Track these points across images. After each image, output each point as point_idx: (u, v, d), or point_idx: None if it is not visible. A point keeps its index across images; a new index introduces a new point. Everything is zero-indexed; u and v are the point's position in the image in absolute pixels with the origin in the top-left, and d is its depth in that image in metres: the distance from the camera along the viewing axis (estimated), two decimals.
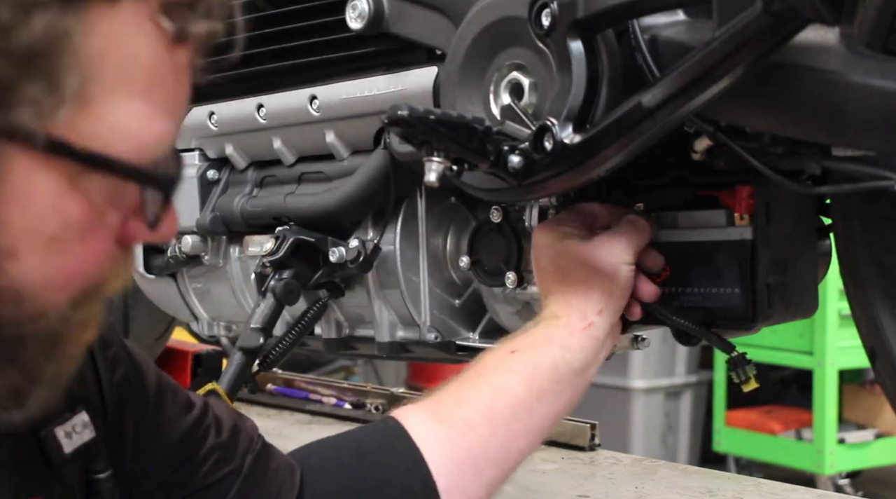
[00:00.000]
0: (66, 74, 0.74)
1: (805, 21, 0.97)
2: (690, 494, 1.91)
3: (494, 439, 1.17)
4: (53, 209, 0.77)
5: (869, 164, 1.05)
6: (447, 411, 1.17)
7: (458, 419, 1.16)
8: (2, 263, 0.77)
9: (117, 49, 0.76)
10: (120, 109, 0.77)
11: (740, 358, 1.26)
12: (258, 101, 1.63)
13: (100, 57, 0.75)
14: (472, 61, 1.26)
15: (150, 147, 0.80)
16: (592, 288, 1.22)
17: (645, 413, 4.97)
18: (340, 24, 1.47)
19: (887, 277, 1.16)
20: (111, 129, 0.77)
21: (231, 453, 1.09)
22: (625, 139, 1.10)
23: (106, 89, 0.76)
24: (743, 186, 1.21)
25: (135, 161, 0.79)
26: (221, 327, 1.89)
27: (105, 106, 0.77)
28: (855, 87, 0.99)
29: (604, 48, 1.13)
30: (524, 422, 1.19)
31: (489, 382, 1.19)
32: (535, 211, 1.36)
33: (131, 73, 0.78)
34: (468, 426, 1.16)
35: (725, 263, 1.23)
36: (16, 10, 0.72)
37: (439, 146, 1.13)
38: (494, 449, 1.17)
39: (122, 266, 0.86)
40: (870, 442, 4.55)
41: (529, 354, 1.20)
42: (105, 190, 0.79)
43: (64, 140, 0.75)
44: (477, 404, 1.17)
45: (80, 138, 0.76)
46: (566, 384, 1.21)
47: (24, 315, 0.80)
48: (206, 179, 1.75)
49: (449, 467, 1.14)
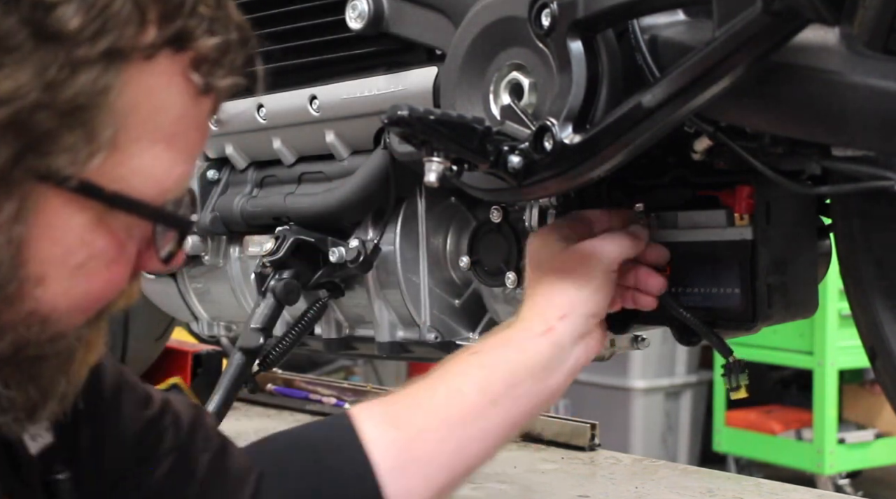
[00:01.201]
0: (102, 126, 0.80)
1: (805, 21, 0.97)
2: (690, 494, 1.91)
3: (446, 444, 1.15)
4: (81, 242, 0.84)
5: (869, 164, 1.05)
6: (401, 413, 1.17)
7: (410, 424, 1.15)
8: (30, 290, 0.84)
9: (149, 100, 0.83)
10: (145, 155, 0.84)
11: (736, 364, 1.26)
12: (258, 101, 1.63)
13: (132, 108, 0.82)
14: (472, 61, 1.26)
15: (169, 189, 0.87)
16: (558, 292, 1.20)
17: (645, 413, 4.97)
18: (340, 24, 1.47)
19: (887, 277, 1.16)
20: (135, 173, 0.84)
21: (188, 453, 1.10)
22: (625, 139, 1.10)
23: (134, 138, 0.83)
24: (743, 186, 1.21)
25: (155, 202, 0.86)
26: (221, 327, 1.88)
27: (132, 152, 0.83)
28: (855, 87, 0.99)
29: (604, 48, 1.13)
30: (478, 427, 1.16)
31: (445, 384, 1.18)
32: (535, 211, 1.36)
33: (158, 123, 0.84)
34: (420, 431, 1.14)
35: (725, 263, 1.23)
36: (64, 68, 0.78)
37: (439, 146, 1.13)
38: (446, 454, 1.15)
39: (129, 288, 0.92)
40: (870, 442, 4.55)
41: (487, 357, 1.19)
42: (128, 226, 0.86)
43: (94, 183, 0.82)
44: (430, 408, 1.16)
45: (107, 181, 0.82)
46: (523, 389, 1.17)
47: (47, 336, 0.86)
48: (206, 179, 1.75)
49: (398, 472, 1.12)
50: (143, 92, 0.82)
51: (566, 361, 1.20)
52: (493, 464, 2.09)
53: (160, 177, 0.85)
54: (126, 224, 0.86)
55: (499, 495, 1.91)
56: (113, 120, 0.81)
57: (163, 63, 0.83)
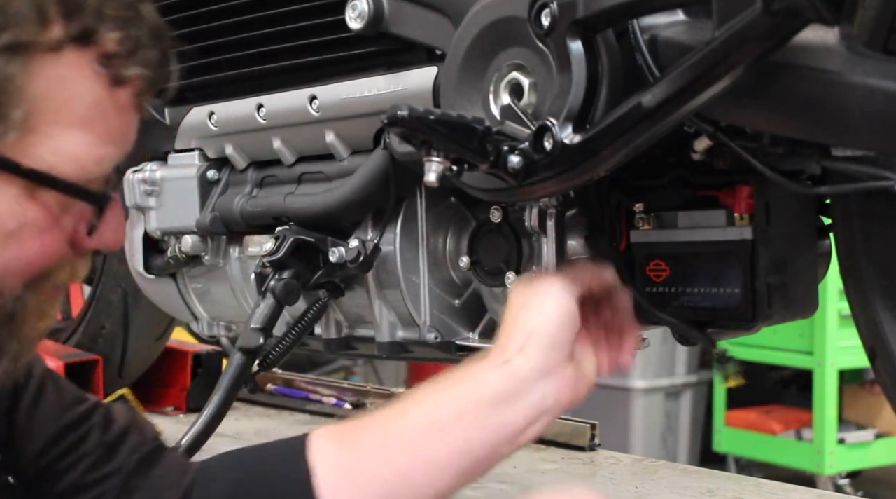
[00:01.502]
0: (11, 108, 0.93)
1: (805, 21, 0.97)
2: (690, 494, 1.90)
3: (389, 467, 1.14)
4: (12, 212, 0.96)
5: (869, 164, 1.05)
6: (351, 432, 1.18)
7: (357, 442, 1.17)
8: None
9: (60, 89, 0.95)
10: (62, 137, 0.96)
11: (723, 355, 1.26)
12: (258, 101, 1.63)
13: (44, 95, 0.94)
14: (471, 61, 1.26)
15: (89, 168, 0.98)
16: (518, 326, 1.18)
17: (645, 413, 4.96)
18: (340, 24, 1.47)
19: (887, 277, 1.16)
20: (53, 152, 0.96)
21: (115, 452, 1.18)
22: (625, 139, 1.10)
23: (49, 121, 0.95)
24: (743, 186, 1.22)
25: (75, 179, 0.98)
26: (221, 327, 1.88)
27: (49, 134, 0.95)
28: (855, 87, 0.99)
29: (604, 48, 1.13)
30: (424, 455, 1.15)
31: (398, 410, 1.18)
32: (535, 211, 1.36)
33: (72, 109, 0.96)
34: (365, 450, 1.15)
35: (725, 263, 1.23)
36: None
37: (439, 146, 1.13)
38: (389, 477, 1.14)
39: (73, 262, 1.05)
40: (870, 442, 4.55)
41: (441, 385, 1.18)
42: (58, 201, 0.98)
43: (11, 159, 0.94)
44: (378, 430, 1.16)
45: (27, 159, 0.95)
46: (474, 419, 1.15)
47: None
48: (206, 179, 1.75)
49: (338, 486, 1.13)
50: (54, 81, 0.95)
51: (526, 395, 1.15)
52: None
53: (79, 156, 0.97)
54: (57, 199, 0.98)
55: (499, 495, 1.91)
56: (23, 104, 0.93)
57: (70, 56, 0.95)
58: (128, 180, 1.82)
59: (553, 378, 1.16)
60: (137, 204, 1.81)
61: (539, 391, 1.16)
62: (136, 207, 1.82)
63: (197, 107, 1.74)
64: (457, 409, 1.16)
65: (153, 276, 1.87)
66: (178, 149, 1.79)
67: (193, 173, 1.75)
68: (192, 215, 1.75)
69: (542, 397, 1.16)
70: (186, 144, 1.77)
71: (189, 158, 1.77)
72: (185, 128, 1.76)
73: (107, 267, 2.42)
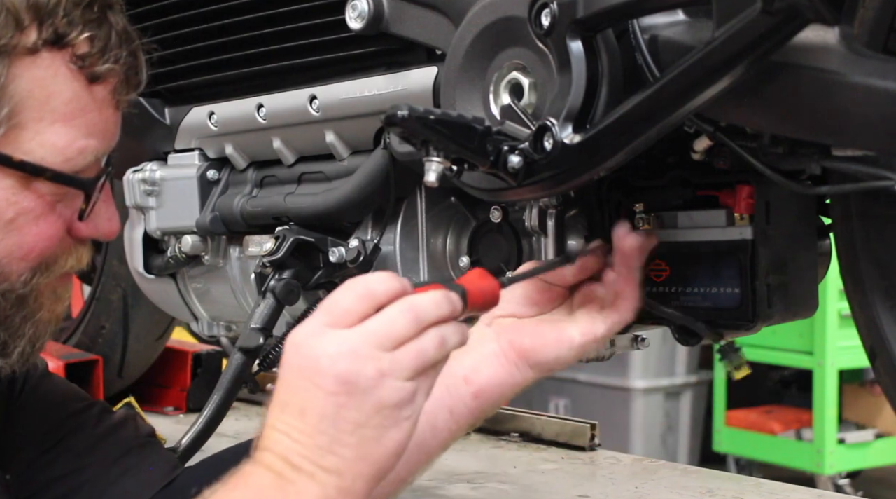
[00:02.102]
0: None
1: (805, 21, 0.97)
2: (690, 494, 1.91)
3: None
4: (8, 202, 1.07)
5: (869, 164, 1.05)
6: None
7: None
8: None
9: (40, 88, 1.06)
10: (47, 132, 1.07)
11: (730, 346, 1.26)
12: (258, 101, 1.63)
13: (27, 94, 1.05)
14: (471, 61, 1.26)
15: (73, 158, 1.08)
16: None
17: (645, 413, 4.97)
18: (340, 24, 1.47)
19: (887, 277, 1.16)
20: (40, 146, 1.07)
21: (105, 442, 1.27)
22: (625, 139, 1.10)
23: (34, 117, 1.06)
24: (743, 186, 1.21)
25: (60, 169, 1.08)
26: (221, 327, 1.89)
27: (36, 129, 1.06)
28: (855, 87, 0.99)
29: (604, 48, 1.13)
30: None
31: None
32: (535, 211, 1.36)
33: (53, 106, 1.07)
34: None
35: (725, 262, 1.23)
36: None
37: (439, 146, 1.13)
38: None
39: (75, 249, 1.14)
40: (870, 442, 4.56)
41: None
42: (51, 190, 1.09)
43: (3, 153, 1.05)
44: None
45: (18, 153, 1.06)
46: None
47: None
48: (206, 179, 1.75)
49: None
50: (34, 81, 1.05)
51: None
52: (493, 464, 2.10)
53: (63, 148, 1.07)
54: (50, 189, 1.08)
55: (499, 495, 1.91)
56: (8, 102, 1.04)
57: (46, 58, 1.06)
58: (128, 180, 1.82)
59: None
60: (137, 204, 1.81)
61: None
62: (136, 207, 1.82)
63: (197, 107, 1.74)
64: None
65: (153, 276, 1.87)
66: (178, 149, 1.79)
67: (193, 173, 1.75)
68: (192, 215, 1.75)
69: None
70: (186, 144, 1.77)
71: (189, 158, 1.77)
72: (185, 128, 1.76)
73: (107, 267, 2.42)
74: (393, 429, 0.95)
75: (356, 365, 0.94)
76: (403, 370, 0.95)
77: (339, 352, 0.94)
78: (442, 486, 1.94)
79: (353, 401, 0.94)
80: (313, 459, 0.94)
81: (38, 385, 1.30)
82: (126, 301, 2.41)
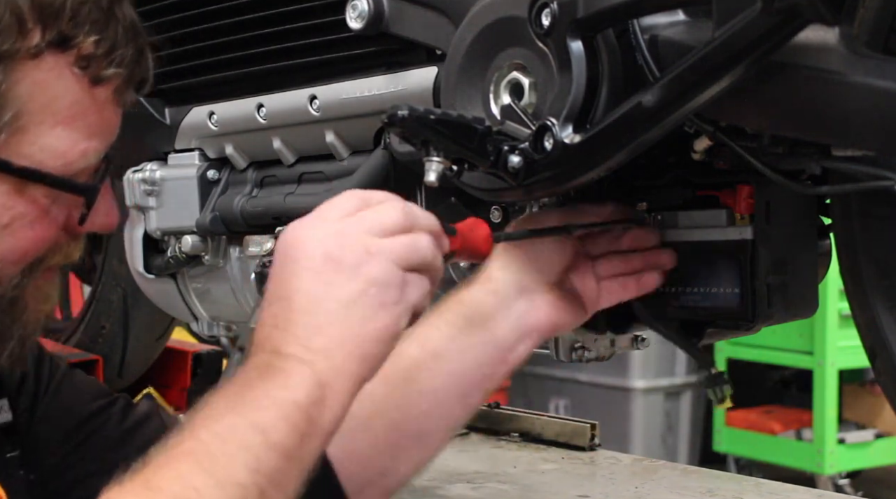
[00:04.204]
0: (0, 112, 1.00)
1: (805, 21, 0.97)
2: (690, 494, 1.90)
3: (390, 400, 1.16)
4: (3, 207, 1.03)
5: (869, 164, 1.05)
6: None
7: None
8: None
9: (43, 91, 1.02)
10: (48, 135, 1.03)
11: (719, 377, 1.26)
12: (258, 101, 1.63)
13: (29, 97, 1.01)
14: (472, 61, 1.26)
15: (74, 162, 1.05)
16: None
17: (645, 413, 4.97)
18: (340, 24, 1.47)
19: (887, 277, 1.16)
20: (41, 150, 1.03)
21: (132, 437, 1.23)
22: (625, 139, 1.10)
23: (36, 121, 1.02)
24: (743, 186, 1.22)
25: (61, 173, 1.04)
26: (221, 327, 1.89)
27: (37, 133, 1.02)
28: (855, 87, 0.99)
29: (604, 48, 1.13)
30: (421, 383, 1.18)
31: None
32: (535, 211, 1.35)
33: (55, 109, 1.03)
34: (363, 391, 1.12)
35: (725, 263, 1.23)
36: None
37: (439, 146, 1.13)
38: (389, 411, 1.17)
39: (66, 245, 1.10)
40: (870, 442, 4.56)
41: (432, 316, 1.19)
42: (47, 194, 1.05)
43: (4, 159, 1.01)
44: None
45: (18, 158, 1.02)
46: (464, 340, 1.18)
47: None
48: (206, 179, 1.75)
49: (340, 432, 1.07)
50: (36, 85, 1.01)
51: (505, 308, 1.21)
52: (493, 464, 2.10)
53: (64, 152, 1.04)
54: (45, 192, 1.05)
55: (499, 495, 1.91)
56: (10, 107, 1.00)
57: (49, 61, 1.01)
58: (128, 180, 1.82)
59: (533, 295, 1.17)
60: (137, 204, 1.81)
61: (513, 302, 1.19)
62: (136, 207, 1.82)
63: (197, 107, 1.74)
64: (447, 336, 1.19)
65: (153, 276, 1.87)
66: (179, 149, 1.79)
67: (193, 173, 1.75)
68: (192, 215, 1.75)
69: (510, 307, 1.20)
70: (186, 144, 1.77)
71: (189, 158, 1.77)
72: (185, 128, 1.76)
73: (107, 267, 2.42)
74: (381, 311, 0.96)
75: (343, 242, 0.97)
76: (392, 253, 0.97)
77: (326, 234, 0.97)
78: (442, 486, 1.94)
79: (339, 277, 0.95)
80: (301, 341, 0.94)
81: (62, 382, 1.27)
82: (126, 301, 2.41)
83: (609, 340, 1.45)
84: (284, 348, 0.94)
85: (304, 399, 0.92)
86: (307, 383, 0.93)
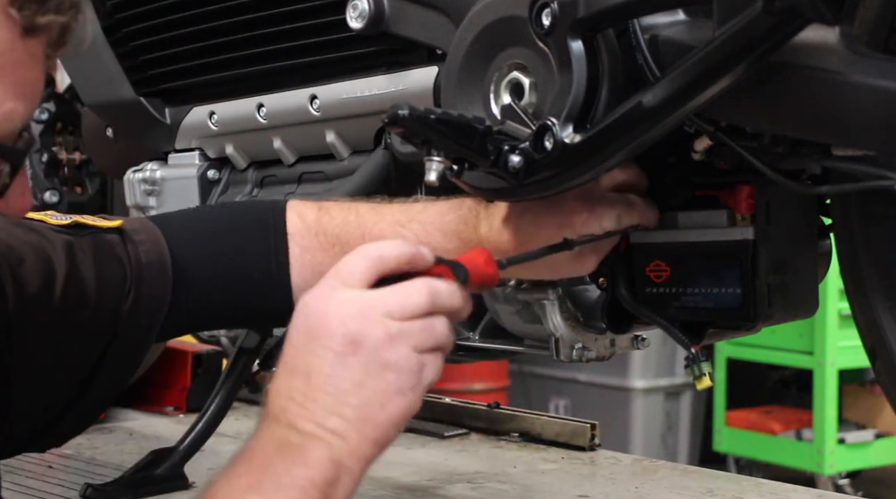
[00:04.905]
0: None
1: (805, 20, 0.97)
2: (690, 494, 1.90)
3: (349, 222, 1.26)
4: None
5: (869, 163, 1.05)
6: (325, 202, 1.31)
7: (325, 204, 1.29)
8: None
9: None
10: None
11: (696, 356, 1.27)
12: (258, 101, 1.63)
13: None
14: (472, 61, 1.26)
15: None
16: None
17: (645, 413, 4.97)
18: (340, 24, 1.47)
19: (887, 277, 1.16)
20: None
21: None
22: (625, 139, 1.10)
23: None
24: (743, 186, 1.22)
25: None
26: None
27: None
28: (855, 87, 0.99)
29: (604, 48, 1.13)
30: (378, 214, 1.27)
31: None
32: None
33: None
34: (326, 211, 1.27)
35: (726, 263, 1.23)
36: None
37: (440, 146, 1.13)
38: (350, 231, 1.26)
39: None
40: (870, 442, 4.55)
41: None
42: None
43: None
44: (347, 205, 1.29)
45: None
46: None
47: None
48: (207, 179, 1.75)
49: (305, 236, 1.26)
50: None
51: None
52: (493, 464, 2.10)
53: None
54: None
55: (499, 495, 1.91)
56: None
57: None
58: (128, 180, 1.82)
59: None
60: (138, 204, 1.81)
61: None
62: (137, 207, 1.82)
63: (197, 107, 1.74)
64: None
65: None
66: (179, 149, 1.79)
67: (194, 173, 1.75)
68: None
69: None
70: (187, 144, 1.77)
71: (189, 157, 1.77)
72: (186, 128, 1.76)
73: None
74: (397, 397, 0.95)
75: (364, 325, 0.94)
76: (412, 339, 0.96)
77: (348, 313, 0.95)
78: (442, 486, 1.94)
79: (358, 360, 0.94)
80: (317, 420, 0.94)
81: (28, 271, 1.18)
82: None
83: (609, 340, 1.45)
84: (301, 425, 0.94)
85: (319, 478, 0.93)
86: (324, 462, 0.94)
